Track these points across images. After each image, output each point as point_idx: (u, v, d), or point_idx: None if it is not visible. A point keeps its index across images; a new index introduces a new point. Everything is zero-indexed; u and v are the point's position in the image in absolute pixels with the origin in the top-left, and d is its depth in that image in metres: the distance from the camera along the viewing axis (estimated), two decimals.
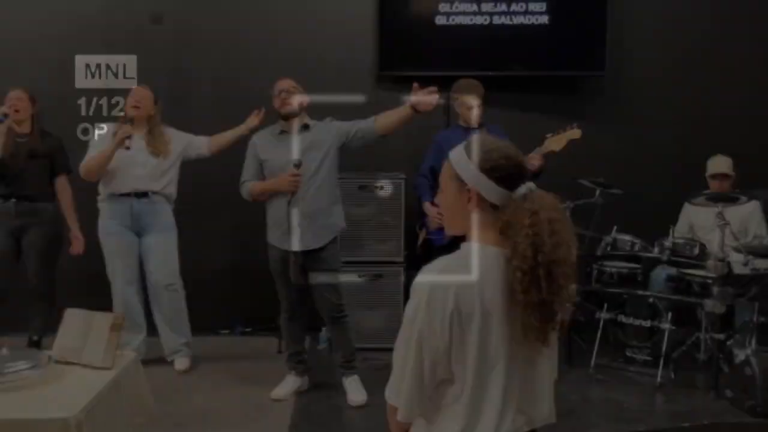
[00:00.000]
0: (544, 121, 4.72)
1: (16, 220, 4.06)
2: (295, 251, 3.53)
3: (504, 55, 4.74)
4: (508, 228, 1.45)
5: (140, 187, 4.00)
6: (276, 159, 3.58)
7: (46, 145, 4.14)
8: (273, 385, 3.77)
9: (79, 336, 2.39)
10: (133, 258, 4.08)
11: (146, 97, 4.05)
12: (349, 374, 3.74)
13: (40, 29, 4.74)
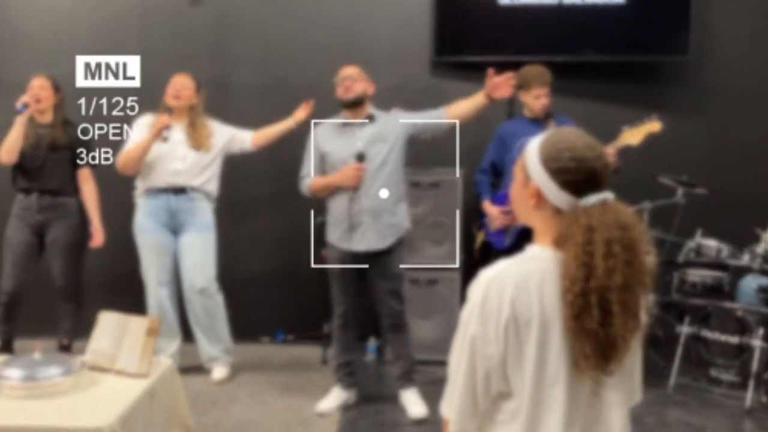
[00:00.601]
0: (619, 111, 4.66)
1: (38, 215, 4.18)
2: (356, 252, 3.56)
3: (575, 39, 4.67)
4: (563, 241, 1.42)
5: (178, 183, 4.07)
6: (338, 151, 3.60)
7: (69, 136, 4.24)
8: (317, 398, 3.81)
9: (113, 341, 2.45)
10: (168, 258, 4.15)
11: (187, 86, 4.11)
12: (408, 387, 3.75)
13: (74, 12, 4.87)
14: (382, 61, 4.77)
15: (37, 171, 4.16)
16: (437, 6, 4.70)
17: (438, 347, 4.40)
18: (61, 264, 4.24)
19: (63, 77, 4.80)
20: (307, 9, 4.84)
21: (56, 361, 2.28)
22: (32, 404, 2.12)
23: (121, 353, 2.42)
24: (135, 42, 4.86)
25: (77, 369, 2.28)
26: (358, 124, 3.62)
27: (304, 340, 4.88)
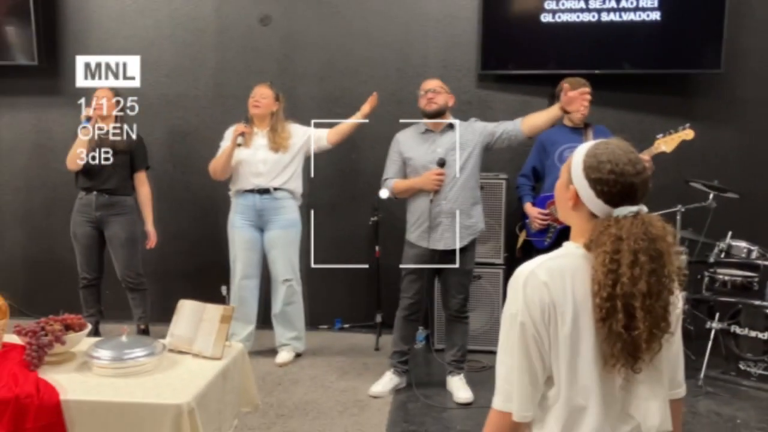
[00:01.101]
0: (653, 121, 4.56)
1: (96, 212, 4.26)
2: (433, 250, 3.56)
3: (612, 53, 4.57)
4: (594, 246, 1.41)
5: (262, 184, 4.12)
6: (420, 157, 3.61)
7: (127, 142, 4.29)
8: (371, 382, 3.81)
9: (191, 326, 2.48)
10: (254, 253, 4.21)
11: (267, 95, 4.17)
12: (456, 373, 3.75)
13: (157, 31, 4.96)
14: (432, 74, 4.70)
15: (98, 172, 4.25)
16: (484, 24, 4.65)
17: (481, 338, 4.38)
18: (119, 257, 4.33)
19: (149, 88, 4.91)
20: (364, 27, 4.84)
21: (141, 343, 2.31)
22: (120, 382, 2.15)
23: (198, 338, 2.44)
24: (211, 57, 4.93)
25: (159, 351, 2.31)
26: (439, 132, 3.63)
27: (359, 329, 4.90)
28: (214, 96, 4.94)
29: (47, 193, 5.11)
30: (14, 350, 2.28)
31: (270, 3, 4.88)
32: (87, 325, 2.42)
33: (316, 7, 4.86)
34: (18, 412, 1.96)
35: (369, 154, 4.79)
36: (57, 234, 5.01)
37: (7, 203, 5.18)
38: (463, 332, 3.76)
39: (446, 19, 4.79)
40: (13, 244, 5.20)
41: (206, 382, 2.18)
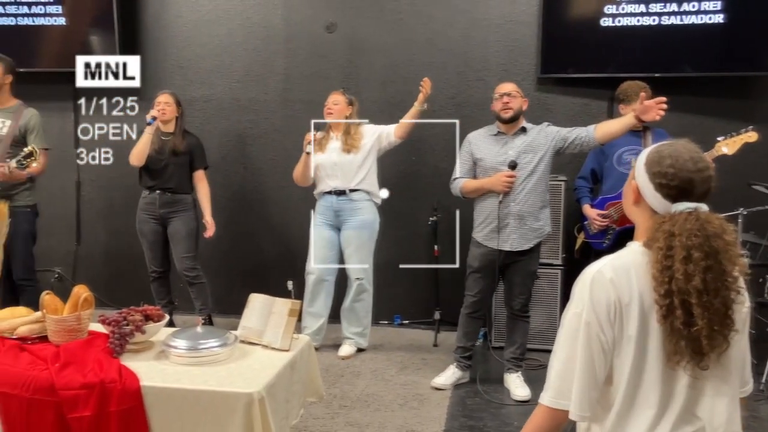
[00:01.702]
0: (714, 123, 4.40)
1: (160, 209, 4.39)
2: (500, 250, 3.54)
3: (673, 56, 4.43)
4: (651, 243, 1.39)
5: (338, 186, 4.16)
6: (491, 158, 3.57)
7: (187, 143, 4.41)
8: (430, 376, 3.80)
9: (261, 319, 2.51)
10: (330, 251, 4.24)
11: (339, 101, 4.21)
12: (514, 370, 3.70)
13: (230, 39, 5.06)
14: (492, 78, 4.70)
15: (160, 172, 4.36)
16: (544, 29, 4.57)
17: (538, 337, 4.31)
18: (178, 252, 4.43)
19: (222, 94, 5.03)
20: (427, 33, 4.82)
21: (215, 334, 2.36)
22: (195, 370, 2.19)
23: (268, 330, 2.47)
24: (280, 63, 5.00)
25: (231, 342, 2.35)
26: (511, 135, 3.59)
27: (417, 325, 4.89)
28: (282, 101, 5.01)
29: (127, 192, 5.26)
30: (99, 338, 2.36)
31: (336, 11, 4.91)
32: (165, 316, 2.48)
33: (379, 14, 4.87)
34: (103, 396, 2.02)
35: (429, 155, 4.78)
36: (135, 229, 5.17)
37: (91, 200, 5.37)
38: (524, 331, 3.72)
39: (507, 24, 4.73)
40: (96, 239, 5.39)
41: (275, 373, 2.21)
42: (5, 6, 5.02)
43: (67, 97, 5.25)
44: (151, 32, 5.15)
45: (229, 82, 5.08)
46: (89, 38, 5.07)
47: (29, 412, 2.05)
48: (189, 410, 2.04)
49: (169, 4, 5.11)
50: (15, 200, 3.92)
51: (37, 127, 4.11)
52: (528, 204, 3.52)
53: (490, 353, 4.30)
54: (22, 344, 2.31)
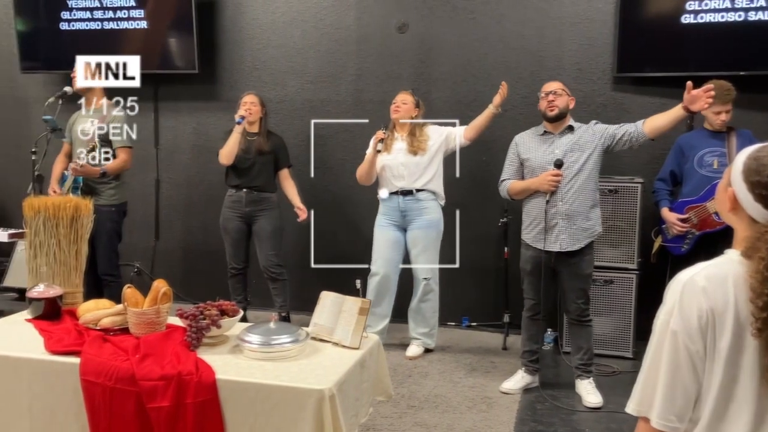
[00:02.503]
0: None
1: (245, 207, 4.49)
2: (549, 251, 3.47)
3: (760, 53, 4.22)
4: (751, 252, 1.30)
5: (404, 186, 4.16)
6: (537, 158, 3.52)
7: (272, 143, 4.51)
8: (499, 379, 3.76)
9: (331, 317, 2.53)
10: (395, 252, 4.24)
11: (407, 101, 4.21)
12: (584, 377, 3.60)
13: (303, 41, 5.14)
14: (566, 78, 4.59)
15: (247, 171, 4.47)
16: (621, 27, 4.45)
17: (611, 343, 4.20)
18: (263, 250, 4.52)
19: (295, 95, 5.11)
20: (499, 32, 4.77)
21: (287, 330, 2.39)
22: (267, 365, 2.23)
23: (338, 328, 2.49)
24: (352, 64, 5.04)
25: (303, 338, 2.38)
26: (558, 134, 3.53)
27: (485, 328, 4.84)
28: (354, 101, 5.05)
29: (204, 190, 5.43)
30: (176, 331, 2.43)
31: (408, 11, 4.92)
32: (240, 311, 2.53)
33: (452, 13, 4.84)
34: (180, 388, 2.09)
35: (500, 156, 4.65)
36: (211, 227, 5.31)
37: (169, 198, 5.56)
38: (587, 336, 3.61)
39: (582, 22, 4.62)
40: (173, 235, 5.57)
41: (345, 370, 2.22)
42: (92, 11, 5.25)
43: (147, 97, 5.45)
44: (228, 35, 5.29)
45: (302, 83, 5.16)
46: (168, 41, 5.24)
47: (112, 401, 2.14)
48: (261, 404, 2.08)
49: (246, 7, 5.23)
50: (99, 198, 4.09)
51: (121, 125, 4.28)
52: (577, 203, 3.43)
53: (560, 358, 4.21)
54: (105, 335, 2.41)
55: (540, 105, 3.56)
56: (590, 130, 3.51)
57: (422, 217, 4.17)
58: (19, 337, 2.45)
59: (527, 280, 3.63)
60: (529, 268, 3.59)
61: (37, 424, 2.26)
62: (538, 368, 3.75)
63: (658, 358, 1.35)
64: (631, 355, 4.18)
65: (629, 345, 4.20)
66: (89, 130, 4.24)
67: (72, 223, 2.76)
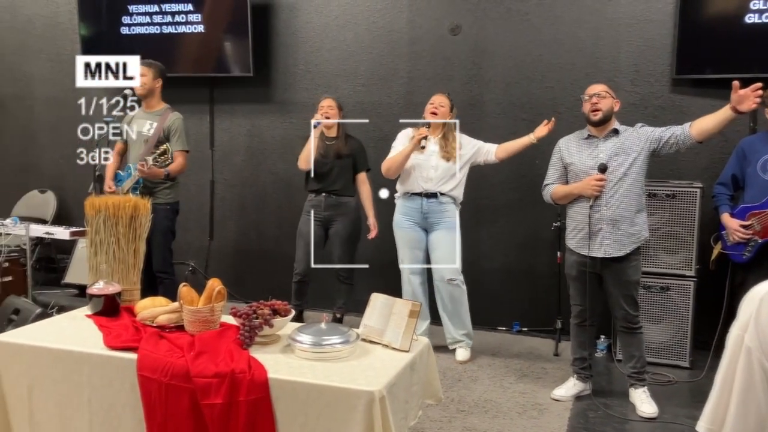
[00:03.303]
0: None
1: (324, 211, 4.52)
2: (594, 257, 3.41)
3: None
4: None
5: (431, 189, 4.14)
6: (581, 163, 3.46)
7: (350, 146, 4.52)
8: (550, 386, 3.70)
9: (381, 319, 2.53)
10: (420, 251, 4.24)
11: (445, 104, 4.19)
12: (638, 386, 3.51)
13: (356, 43, 5.17)
14: (623, 79, 4.53)
15: (325, 175, 4.49)
16: (680, 27, 4.33)
17: (668, 351, 4.10)
18: (339, 252, 4.55)
19: (346, 97, 5.14)
20: (554, 34, 4.70)
21: (338, 331, 2.40)
22: (318, 365, 2.24)
23: (388, 330, 2.49)
24: (404, 67, 5.05)
25: (353, 340, 2.38)
26: (602, 138, 3.45)
27: (537, 333, 4.77)
28: (405, 103, 5.05)
29: (258, 191, 5.51)
30: (230, 330, 2.47)
31: (461, 13, 4.90)
32: (291, 311, 2.55)
33: (506, 15, 4.80)
34: (233, 385, 2.12)
35: None
36: (264, 227, 5.40)
37: (223, 198, 5.66)
38: (637, 343, 3.51)
39: (639, 23, 4.52)
40: (227, 235, 5.67)
41: (396, 373, 2.21)
42: (152, 16, 5.39)
43: (203, 100, 5.57)
44: (281, 38, 5.36)
45: (354, 86, 5.19)
46: (224, 44, 5.34)
47: (167, 397, 2.18)
48: (312, 404, 2.09)
49: (299, 10, 5.29)
50: (156, 197, 4.19)
51: (180, 130, 4.39)
52: (622, 208, 3.35)
53: (613, 366, 4.12)
54: (162, 332, 2.46)
55: (583, 108, 3.49)
56: (635, 134, 3.42)
57: (444, 219, 4.15)
58: (80, 333, 2.52)
59: (573, 286, 3.56)
60: (574, 274, 3.52)
61: (95, 417, 2.33)
62: (590, 375, 3.68)
63: (730, 375, 1.30)
64: (687, 364, 4.06)
65: (686, 354, 4.08)
66: (146, 131, 4.35)
67: (131, 222, 2.83)
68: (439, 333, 4.29)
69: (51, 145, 6.11)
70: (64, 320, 2.73)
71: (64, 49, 5.97)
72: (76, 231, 4.76)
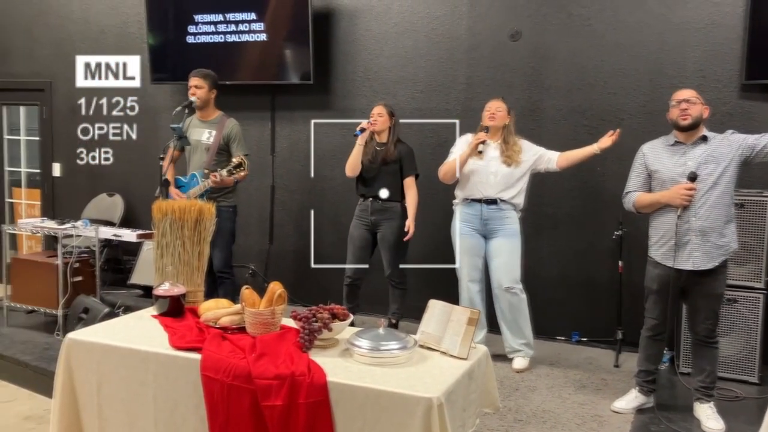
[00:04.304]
0: None
1: (371, 216, 4.54)
2: (680, 270, 3.29)
3: None
4: None
5: (491, 195, 4.10)
6: (668, 170, 3.33)
7: (398, 151, 4.51)
8: (610, 398, 3.61)
9: (439, 325, 2.52)
10: (478, 258, 4.20)
11: (501, 108, 4.15)
12: (704, 401, 3.39)
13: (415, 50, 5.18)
14: (689, 85, 4.36)
15: (373, 180, 4.52)
16: (751, 31, 4.19)
17: (735, 365, 3.95)
18: (388, 257, 4.56)
19: (404, 104, 5.16)
20: (617, 39, 4.61)
21: (396, 337, 2.40)
22: (376, 370, 2.24)
23: (446, 337, 2.48)
24: (462, 73, 5.04)
25: (411, 346, 2.38)
26: (690, 145, 3.32)
27: (597, 343, 4.67)
28: (464, 110, 5.03)
29: (316, 196, 5.58)
30: (290, 333, 2.50)
31: (521, 19, 4.85)
32: (350, 315, 2.57)
33: (567, 21, 4.74)
34: (293, 388, 2.14)
35: (615, 166, 4.54)
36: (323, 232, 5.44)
37: (283, 203, 5.75)
38: (711, 358, 3.39)
39: (707, 27, 4.39)
40: (286, 239, 5.75)
41: (454, 380, 2.20)
42: (216, 25, 5.53)
43: (265, 107, 5.67)
44: (341, 46, 5.42)
45: (412, 92, 5.20)
46: (285, 52, 5.44)
47: (229, 396, 2.23)
48: (370, 409, 2.10)
49: (359, 19, 5.34)
50: (218, 200, 4.30)
51: (239, 135, 4.49)
52: (711, 219, 3.21)
53: (677, 379, 4.00)
54: (224, 333, 2.51)
55: (671, 114, 3.38)
56: (726, 141, 3.29)
57: (504, 226, 4.09)
58: (146, 332, 2.60)
59: (652, 299, 3.43)
60: (655, 287, 3.39)
61: (160, 414, 2.39)
62: (654, 389, 3.57)
63: None
64: (756, 380, 3.91)
65: (755, 369, 3.92)
66: (205, 139, 4.47)
67: (196, 226, 2.91)
68: (497, 342, 4.25)
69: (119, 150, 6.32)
70: (131, 320, 2.82)
71: None
72: (143, 233, 4.92)
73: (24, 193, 6.97)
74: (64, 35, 6.41)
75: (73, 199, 6.39)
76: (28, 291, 4.94)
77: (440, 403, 2.03)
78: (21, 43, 6.62)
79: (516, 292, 4.11)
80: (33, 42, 6.55)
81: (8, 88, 6.70)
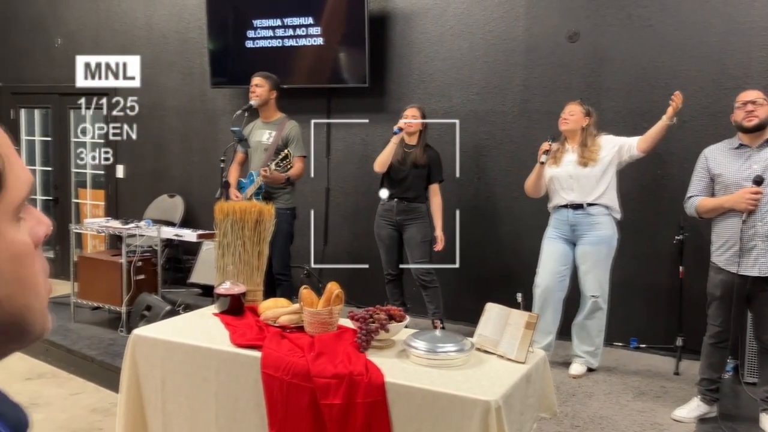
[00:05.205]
0: None
1: (396, 216, 4.59)
2: (745, 276, 3.19)
3: None
4: None
5: (575, 200, 4.00)
6: (732, 174, 3.25)
7: (428, 156, 4.56)
8: (670, 406, 3.53)
9: (497, 329, 2.51)
10: (561, 265, 4.07)
11: (575, 111, 4.08)
12: None
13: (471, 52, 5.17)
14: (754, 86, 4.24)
15: (401, 182, 4.56)
16: None
17: None
18: (413, 257, 4.60)
19: (460, 106, 5.15)
20: (678, 39, 4.50)
21: (453, 339, 2.40)
22: (433, 372, 2.25)
23: (503, 340, 2.47)
24: (519, 75, 4.99)
25: (468, 348, 2.38)
26: (756, 148, 3.23)
27: (655, 350, 4.56)
28: (520, 112, 4.99)
29: (370, 198, 5.59)
30: (347, 332, 2.53)
31: (579, 20, 4.78)
32: (406, 317, 2.59)
33: (626, 21, 4.65)
34: (351, 387, 2.17)
35: (676, 170, 4.44)
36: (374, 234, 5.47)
37: (338, 205, 5.80)
38: None
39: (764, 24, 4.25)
40: (341, 241, 5.81)
41: (511, 384, 2.19)
42: (275, 30, 5.63)
43: (321, 110, 5.74)
44: (397, 48, 5.44)
45: (468, 95, 5.18)
46: (340, 56, 5.49)
47: (288, 394, 2.27)
48: (427, 410, 2.11)
49: (415, 21, 5.35)
50: (277, 202, 4.37)
51: (297, 137, 4.57)
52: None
53: (741, 388, 3.88)
54: (283, 332, 2.56)
55: (735, 116, 3.28)
56: None
57: (593, 232, 3.99)
58: (208, 330, 2.67)
59: (715, 305, 3.34)
60: (719, 294, 3.30)
61: (222, 411, 2.45)
62: (717, 398, 3.47)
63: None
64: None
65: None
66: (265, 140, 4.56)
67: (256, 226, 2.97)
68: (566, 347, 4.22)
69: (180, 152, 6.50)
70: (193, 318, 2.90)
71: (194, 62, 6.34)
72: (203, 233, 5.03)
73: (89, 193, 7.22)
74: (127, 41, 6.62)
75: (135, 200, 6.59)
76: (93, 288, 5.12)
77: (498, 406, 2.03)
78: (87, 49, 6.86)
79: (597, 301, 4.02)
80: (98, 48, 6.79)
81: (73, 92, 6.96)
